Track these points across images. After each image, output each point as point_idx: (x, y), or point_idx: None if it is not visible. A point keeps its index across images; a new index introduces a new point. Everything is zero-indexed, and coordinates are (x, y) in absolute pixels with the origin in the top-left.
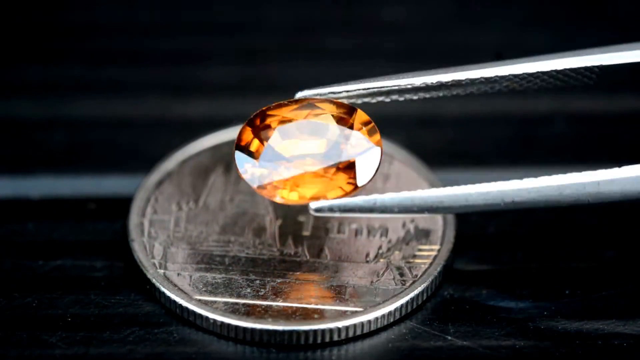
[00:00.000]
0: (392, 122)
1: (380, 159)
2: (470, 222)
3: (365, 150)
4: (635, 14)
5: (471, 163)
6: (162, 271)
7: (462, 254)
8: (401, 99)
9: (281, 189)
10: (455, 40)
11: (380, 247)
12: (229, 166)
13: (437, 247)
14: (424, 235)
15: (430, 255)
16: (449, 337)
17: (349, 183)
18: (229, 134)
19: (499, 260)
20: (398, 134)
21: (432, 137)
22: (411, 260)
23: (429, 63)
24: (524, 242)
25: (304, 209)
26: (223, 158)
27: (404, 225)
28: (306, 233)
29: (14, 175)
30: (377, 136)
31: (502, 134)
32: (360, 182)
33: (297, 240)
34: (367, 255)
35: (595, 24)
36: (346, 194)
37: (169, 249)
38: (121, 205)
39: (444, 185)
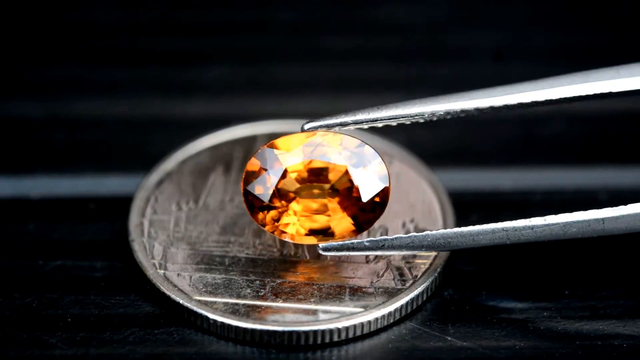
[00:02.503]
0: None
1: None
2: (470, 222)
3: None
4: (635, 15)
5: (471, 163)
6: (162, 271)
7: (462, 255)
8: (407, 123)
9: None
10: (454, 41)
11: None
12: (229, 166)
13: None
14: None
15: (430, 255)
16: (449, 338)
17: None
18: (229, 134)
19: (499, 261)
20: (398, 134)
21: (432, 136)
22: (411, 261)
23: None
24: (524, 242)
25: None
26: (223, 158)
27: (404, 225)
28: None
29: (15, 175)
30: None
31: (502, 134)
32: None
33: None
34: (367, 256)
35: (595, 25)
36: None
37: (168, 249)
38: (121, 206)
39: (445, 186)
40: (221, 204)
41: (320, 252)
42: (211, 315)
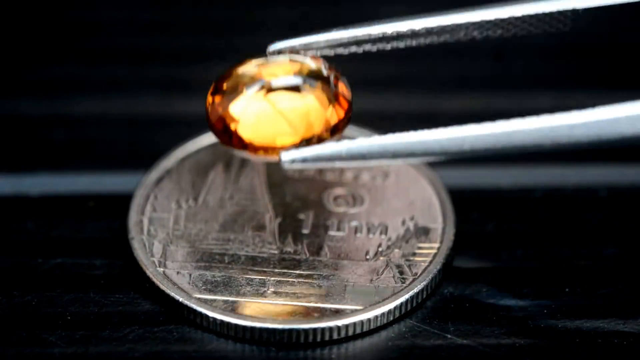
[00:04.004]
0: (391, 120)
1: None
2: (470, 220)
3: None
4: None
5: (471, 160)
6: (161, 269)
7: (462, 252)
8: (374, 49)
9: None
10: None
11: (379, 245)
12: (229, 164)
13: (437, 244)
14: (423, 233)
15: (430, 253)
16: (449, 336)
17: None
18: None
19: (499, 258)
20: (397, 131)
21: None
22: (411, 258)
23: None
24: (524, 239)
25: (303, 206)
26: (222, 156)
27: (403, 222)
28: (306, 231)
29: (14, 172)
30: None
31: None
32: None
33: (297, 238)
34: (367, 253)
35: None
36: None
37: (168, 247)
38: (120, 203)
39: (445, 183)
40: (221, 202)
41: (285, 164)
42: (211, 313)
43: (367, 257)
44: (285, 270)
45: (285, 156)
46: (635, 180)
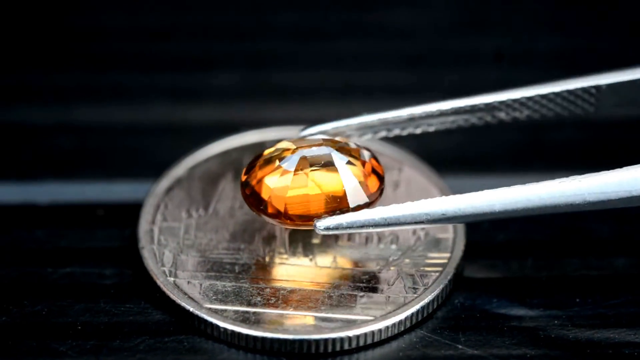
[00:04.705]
0: None
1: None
2: (481, 230)
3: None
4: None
5: (481, 169)
6: (172, 279)
7: (473, 262)
8: (404, 133)
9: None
10: (459, 45)
11: (390, 255)
12: (239, 173)
13: (447, 255)
14: (434, 243)
15: (440, 263)
16: (460, 346)
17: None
18: (238, 140)
19: (510, 269)
20: (407, 141)
21: (442, 143)
22: (422, 269)
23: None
24: (534, 250)
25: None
26: (232, 164)
27: (414, 233)
28: (316, 241)
29: (22, 181)
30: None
31: (511, 140)
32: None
33: (307, 248)
34: (378, 263)
35: (600, 28)
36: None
37: (178, 256)
38: (130, 212)
39: (455, 192)
40: (231, 211)
41: (319, 230)
42: (221, 324)
43: (378, 267)
44: (296, 280)
45: (320, 224)
46: None
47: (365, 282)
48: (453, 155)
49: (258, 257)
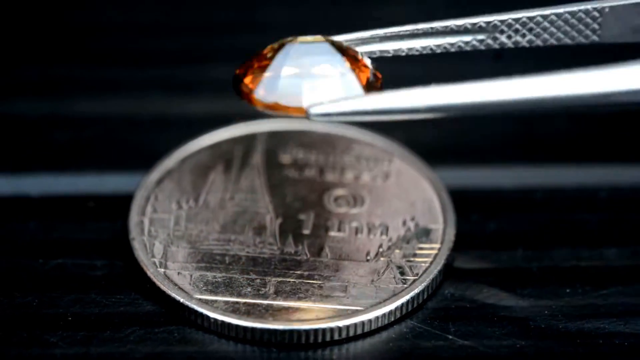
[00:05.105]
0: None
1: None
2: (471, 221)
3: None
4: None
5: (471, 161)
6: (162, 270)
7: (463, 253)
8: (403, 52)
9: None
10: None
11: (380, 246)
12: (229, 164)
13: (437, 245)
14: (424, 233)
15: (430, 253)
16: (450, 336)
17: None
18: (229, 132)
19: (500, 259)
20: (398, 132)
21: (432, 135)
22: (412, 259)
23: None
24: (525, 240)
25: (303, 207)
26: (223, 156)
27: (404, 223)
28: (306, 232)
29: (14, 173)
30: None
31: (502, 131)
32: None
33: (298, 239)
34: (368, 253)
35: None
36: None
37: (169, 247)
38: (121, 204)
39: (446, 184)
40: (221, 203)
41: (312, 117)
42: (212, 314)
43: (368, 257)
44: (286, 271)
45: (314, 109)
46: (635, 180)
47: (355, 273)
48: (444, 147)
49: (248, 248)
